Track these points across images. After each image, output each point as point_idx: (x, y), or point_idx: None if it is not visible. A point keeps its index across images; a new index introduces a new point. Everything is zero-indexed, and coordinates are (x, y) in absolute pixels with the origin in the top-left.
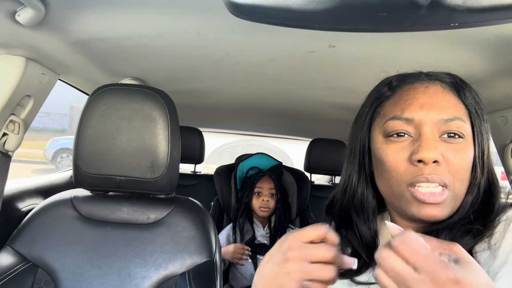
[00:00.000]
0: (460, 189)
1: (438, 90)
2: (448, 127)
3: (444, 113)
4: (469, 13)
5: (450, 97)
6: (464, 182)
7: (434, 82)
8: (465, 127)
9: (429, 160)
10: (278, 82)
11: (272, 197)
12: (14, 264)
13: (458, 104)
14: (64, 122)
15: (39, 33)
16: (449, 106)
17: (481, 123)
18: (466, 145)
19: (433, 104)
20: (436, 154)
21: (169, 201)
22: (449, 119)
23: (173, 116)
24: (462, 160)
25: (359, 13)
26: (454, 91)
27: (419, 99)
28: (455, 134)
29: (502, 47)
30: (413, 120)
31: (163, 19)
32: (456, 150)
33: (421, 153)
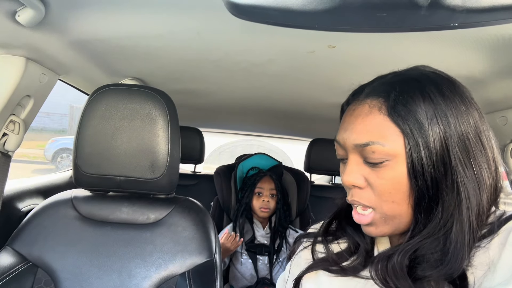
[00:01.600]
0: (393, 209)
1: (362, 111)
2: (364, 153)
3: (359, 138)
4: (469, 13)
5: (373, 118)
6: (397, 202)
7: (364, 102)
8: (385, 150)
9: (347, 185)
10: (278, 82)
11: (272, 197)
12: (14, 264)
13: (381, 123)
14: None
15: (39, 33)
16: (365, 130)
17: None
18: (391, 167)
19: (352, 128)
20: (353, 180)
21: (169, 201)
22: (364, 144)
23: (173, 116)
24: (385, 183)
25: (359, 13)
26: (384, 108)
27: (345, 122)
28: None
29: (502, 47)
30: (340, 143)
31: (163, 19)
32: (378, 174)
33: (342, 178)
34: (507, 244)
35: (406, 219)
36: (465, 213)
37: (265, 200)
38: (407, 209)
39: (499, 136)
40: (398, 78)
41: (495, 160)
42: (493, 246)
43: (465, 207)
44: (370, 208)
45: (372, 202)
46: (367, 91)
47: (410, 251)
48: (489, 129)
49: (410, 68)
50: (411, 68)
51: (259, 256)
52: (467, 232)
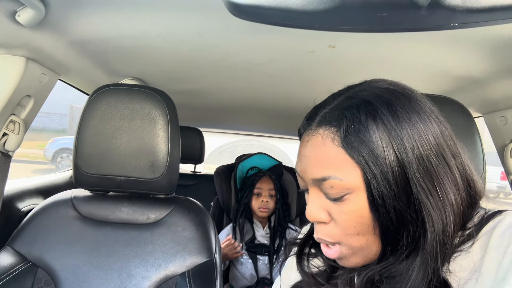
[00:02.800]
0: (358, 242)
1: (315, 143)
2: (322, 188)
3: (316, 172)
4: (469, 13)
5: (328, 151)
6: (361, 235)
7: (317, 131)
8: (343, 184)
9: (311, 221)
10: (278, 82)
11: (271, 197)
12: (14, 264)
13: (337, 156)
14: (64, 122)
15: (39, 33)
16: (321, 164)
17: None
18: (352, 200)
19: (308, 162)
20: (316, 215)
21: (169, 201)
22: (321, 179)
23: (173, 116)
24: (347, 216)
25: (359, 13)
26: (338, 137)
27: (300, 154)
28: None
29: (502, 47)
30: (299, 175)
31: (163, 19)
32: (340, 208)
33: (306, 213)
34: (488, 250)
35: (375, 248)
36: (429, 242)
37: (264, 200)
38: (374, 239)
39: (499, 136)
40: (349, 102)
41: (465, 171)
42: (474, 250)
43: (430, 238)
44: (337, 244)
45: (337, 238)
46: (319, 119)
47: (373, 274)
48: (453, 139)
49: (364, 83)
50: (364, 83)
51: (259, 256)
52: (430, 263)
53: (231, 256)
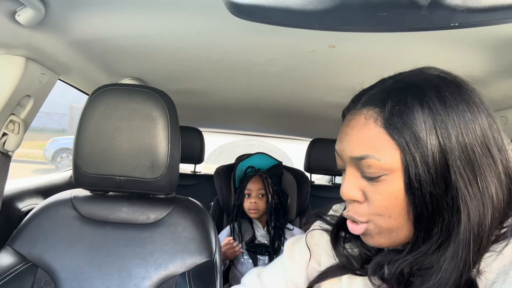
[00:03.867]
0: (389, 223)
1: (358, 122)
2: (360, 166)
3: (355, 151)
4: (469, 13)
5: (369, 129)
6: (394, 216)
7: (361, 112)
8: (381, 164)
9: (345, 199)
10: (278, 82)
11: (261, 198)
12: (14, 264)
13: (378, 136)
14: (64, 122)
15: (39, 33)
16: (361, 143)
17: (417, 149)
18: (389, 181)
19: (348, 140)
20: (351, 194)
21: (169, 201)
22: (360, 157)
23: (173, 116)
24: (382, 198)
25: (359, 13)
26: (380, 120)
27: (342, 133)
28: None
29: (502, 47)
30: (338, 154)
31: (163, 19)
32: (375, 188)
33: (341, 191)
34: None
35: (404, 233)
36: (462, 232)
37: (252, 202)
38: (406, 224)
39: None
40: (397, 85)
41: (509, 167)
42: (507, 252)
43: (463, 229)
44: (365, 222)
45: (367, 217)
46: (364, 100)
47: (404, 265)
48: (501, 134)
49: (415, 70)
50: (415, 70)
51: (260, 256)
52: (462, 254)
53: (229, 255)
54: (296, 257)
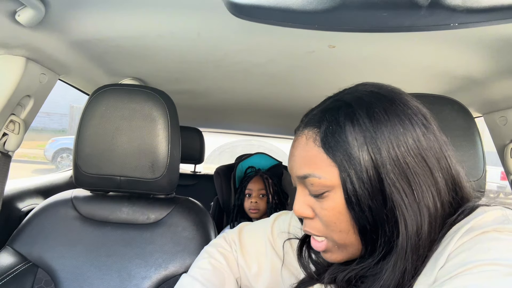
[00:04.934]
0: (343, 238)
1: (300, 143)
2: (305, 185)
3: (299, 170)
4: (469, 13)
5: (309, 150)
6: (343, 232)
7: (304, 131)
8: (321, 182)
9: (297, 216)
10: (278, 82)
11: (262, 198)
12: (14, 264)
13: (317, 155)
14: (64, 122)
15: (39, 33)
16: (303, 162)
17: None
18: (331, 197)
19: (294, 160)
20: (301, 211)
21: (169, 201)
22: (302, 176)
23: (173, 116)
24: (328, 213)
25: (359, 13)
26: (318, 138)
27: (290, 153)
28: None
29: (502, 47)
30: (289, 172)
31: (163, 19)
32: (321, 204)
33: (293, 209)
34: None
35: (357, 247)
36: (400, 243)
37: (253, 202)
38: (355, 238)
39: (499, 136)
40: (333, 104)
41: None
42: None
43: (401, 239)
44: (323, 237)
45: (321, 232)
46: (306, 120)
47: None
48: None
49: (352, 87)
50: (352, 87)
51: None
52: (400, 263)
53: None
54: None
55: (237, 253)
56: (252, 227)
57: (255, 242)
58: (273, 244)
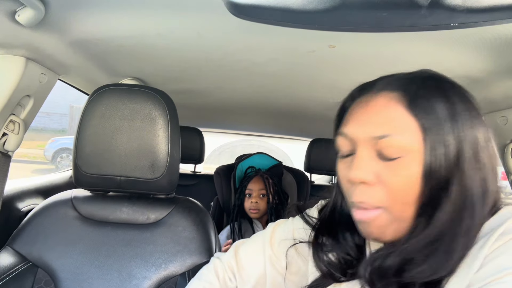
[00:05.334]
0: (403, 211)
1: (379, 103)
2: (379, 146)
3: (377, 129)
4: (469, 13)
5: (392, 110)
6: (408, 203)
7: (380, 94)
8: (403, 144)
9: (355, 181)
10: (278, 82)
11: (262, 198)
12: (14, 264)
13: (401, 117)
14: (64, 122)
15: (39, 33)
16: (384, 122)
17: (440, 133)
18: (407, 164)
19: (368, 120)
20: (363, 175)
21: (169, 201)
22: (382, 136)
23: (173, 116)
24: (401, 181)
25: (359, 13)
26: (404, 100)
27: (357, 113)
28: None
29: (502, 47)
30: (349, 136)
31: (163, 19)
32: (393, 170)
33: (350, 173)
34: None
35: (409, 224)
36: (465, 221)
37: (253, 202)
38: (413, 213)
39: (499, 136)
40: (414, 75)
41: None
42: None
43: (467, 215)
44: (380, 209)
45: (381, 201)
46: (380, 86)
47: (405, 254)
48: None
49: (419, 70)
50: (420, 70)
51: None
52: (461, 241)
53: None
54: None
55: (235, 279)
56: (248, 246)
57: (253, 263)
58: (273, 260)
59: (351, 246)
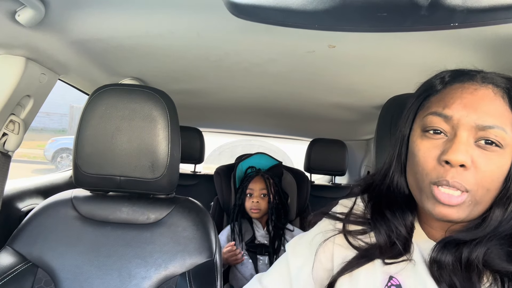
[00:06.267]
0: (483, 196)
1: (487, 94)
2: (486, 134)
3: (486, 119)
4: (469, 13)
5: (499, 104)
6: (490, 191)
7: (487, 86)
8: (505, 137)
9: (456, 163)
10: (278, 82)
11: (263, 198)
12: (14, 264)
13: (505, 112)
14: (64, 122)
15: (39, 33)
16: (493, 113)
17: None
18: (502, 154)
19: (477, 108)
20: (464, 158)
21: (169, 201)
22: (489, 126)
23: (173, 116)
24: (493, 168)
25: (359, 13)
26: (506, 97)
27: (465, 99)
28: (492, 142)
29: (502, 47)
30: (451, 119)
31: (163, 19)
32: (488, 158)
33: (449, 154)
34: None
35: (483, 209)
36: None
37: (254, 201)
38: (491, 199)
39: None
40: (510, 78)
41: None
42: None
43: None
44: (463, 192)
45: (470, 185)
46: (483, 79)
47: (489, 244)
48: None
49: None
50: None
51: (260, 256)
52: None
53: (231, 262)
54: (299, 252)
55: None
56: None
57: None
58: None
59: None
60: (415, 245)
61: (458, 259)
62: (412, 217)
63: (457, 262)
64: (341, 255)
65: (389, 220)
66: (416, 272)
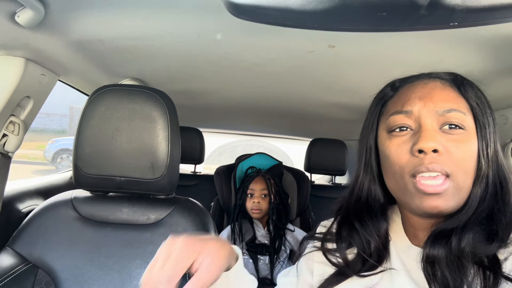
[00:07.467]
0: (464, 181)
1: (437, 85)
2: (447, 118)
3: (442, 104)
4: (468, 12)
5: (449, 92)
6: (468, 173)
7: (434, 79)
8: (465, 119)
9: (428, 149)
10: (278, 82)
11: (264, 198)
12: (14, 265)
13: (457, 97)
14: (64, 123)
15: (38, 34)
16: (447, 99)
17: (484, 116)
18: (467, 137)
19: (432, 97)
20: (435, 143)
21: (169, 201)
22: (447, 110)
23: (173, 116)
24: (463, 150)
25: (359, 13)
26: (454, 86)
27: (418, 92)
28: (456, 126)
29: (502, 47)
30: (412, 113)
31: (163, 19)
32: (457, 141)
33: (420, 143)
34: None
35: (466, 195)
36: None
37: (255, 202)
38: (470, 184)
39: (499, 135)
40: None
41: None
42: None
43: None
44: (445, 177)
45: (449, 168)
46: (428, 75)
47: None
48: None
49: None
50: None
51: (260, 256)
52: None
53: None
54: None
55: None
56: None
57: None
58: None
59: (374, 234)
60: (395, 254)
61: (450, 250)
62: (386, 225)
63: (450, 254)
64: (319, 272)
65: (359, 232)
66: (395, 281)
